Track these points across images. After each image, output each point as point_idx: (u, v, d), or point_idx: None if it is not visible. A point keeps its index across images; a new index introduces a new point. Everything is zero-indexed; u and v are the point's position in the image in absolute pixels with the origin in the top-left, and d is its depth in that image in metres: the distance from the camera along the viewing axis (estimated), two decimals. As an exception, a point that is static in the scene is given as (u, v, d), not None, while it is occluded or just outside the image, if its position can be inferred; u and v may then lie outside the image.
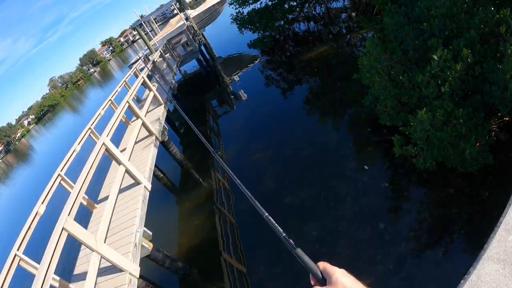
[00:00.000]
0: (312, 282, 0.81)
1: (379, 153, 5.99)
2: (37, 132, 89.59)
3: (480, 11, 4.55)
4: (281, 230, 0.87)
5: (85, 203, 6.84)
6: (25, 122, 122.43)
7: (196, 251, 6.78)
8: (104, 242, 4.79)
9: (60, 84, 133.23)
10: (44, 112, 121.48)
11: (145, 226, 5.77)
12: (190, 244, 7.06)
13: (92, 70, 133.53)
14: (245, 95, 12.38)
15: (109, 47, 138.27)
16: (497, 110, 4.40)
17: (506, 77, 3.88)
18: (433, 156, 4.19)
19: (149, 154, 7.26)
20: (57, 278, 5.15)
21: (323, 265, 0.81)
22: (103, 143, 5.66)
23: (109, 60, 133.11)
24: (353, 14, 13.19)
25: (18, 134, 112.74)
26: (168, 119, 12.74)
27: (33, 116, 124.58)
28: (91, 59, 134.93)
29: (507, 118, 4.90)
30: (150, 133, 8.03)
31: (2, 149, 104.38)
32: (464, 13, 4.85)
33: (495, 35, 4.46)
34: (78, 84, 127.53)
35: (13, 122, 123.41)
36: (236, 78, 15.10)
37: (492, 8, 4.43)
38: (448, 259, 4.04)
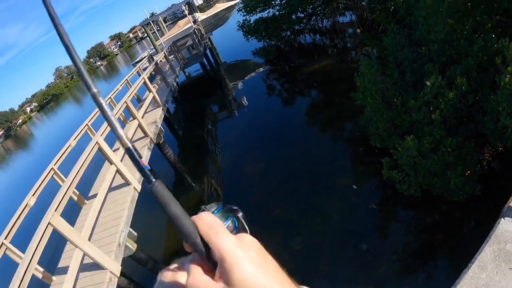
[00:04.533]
0: (188, 250, 0.49)
1: (369, 173, 5.99)
2: (39, 120, 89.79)
3: (479, 39, 4.53)
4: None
5: (75, 198, 6.87)
6: (28, 109, 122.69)
7: (182, 255, 6.76)
8: (89, 239, 4.82)
9: (65, 75, 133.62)
10: (47, 101, 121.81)
11: (132, 226, 5.79)
12: (176, 248, 7.03)
13: (98, 63, 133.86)
14: (246, 102, 12.42)
15: (117, 42, 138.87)
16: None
17: (499, 109, 3.88)
18: (417, 183, 4.20)
19: (142, 155, 7.24)
20: (41, 269, 5.20)
21: (204, 230, 0.46)
22: (97, 142, 5.68)
23: (116, 54, 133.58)
24: (358, 30, 13.27)
25: (20, 121, 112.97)
26: (167, 121, 12.78)
27: (36, 104, 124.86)
28: (98, 52, 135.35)
29: (501, 148, 4.90)
30: (146, 135, 8.04)
31: (2, 134, 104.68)
32: (464, 39, 4.84)
33: (493, 64, 4.45)
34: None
35: (16, 108, 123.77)
36: (239, 84, 15.16)
37: (494, 36, 4.41)
38: (428, 286, 4.04)
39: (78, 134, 7.87)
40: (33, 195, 6.00)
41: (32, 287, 4.80)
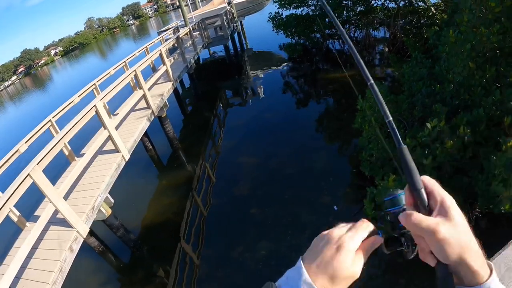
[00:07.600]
0: (407, 202, 0.65)
1: (354, 198, 5.86)
2: (60, 65, 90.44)
3: (497, 91, 4.25)
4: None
5: (66, 153, 6.93)
6: (52, 52, 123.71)
7: (156, 230, 6.82)
8: (66, 197, 4.92)
9: (96, 26, 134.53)
10: (72, 48, 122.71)
11: (113, 192, 5.87)
12: (152, 221, 7.09)
13: (131, 22, 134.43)
14: (263, 94, 12.42)
15: (154, 5, 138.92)
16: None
17: (495, 172, 3.62)
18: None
19: (139, 126, 7.27)
20: (17, 213, 5.36)
21: (430, 184, 0.63)
22: (94, 105, 5.69)
23: (150, 17, 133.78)
24: (387, 49, 13.02)
25: (42, 61, 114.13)
26: (178, 96, 12.77)
27: (61, 48, 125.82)
28: (133, 11, 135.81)
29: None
30: (148, 106, 8.04)
31: (22, 71, 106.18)
32: (481, 87, 4.58)
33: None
34: (114, 31, 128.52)
35: (41, 48, 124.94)
36: (258, 74, 15.06)
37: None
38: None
39: (84, 92, 7.89)
40: (25, 142, 6.11)
41: (7, 227, 5.05)
